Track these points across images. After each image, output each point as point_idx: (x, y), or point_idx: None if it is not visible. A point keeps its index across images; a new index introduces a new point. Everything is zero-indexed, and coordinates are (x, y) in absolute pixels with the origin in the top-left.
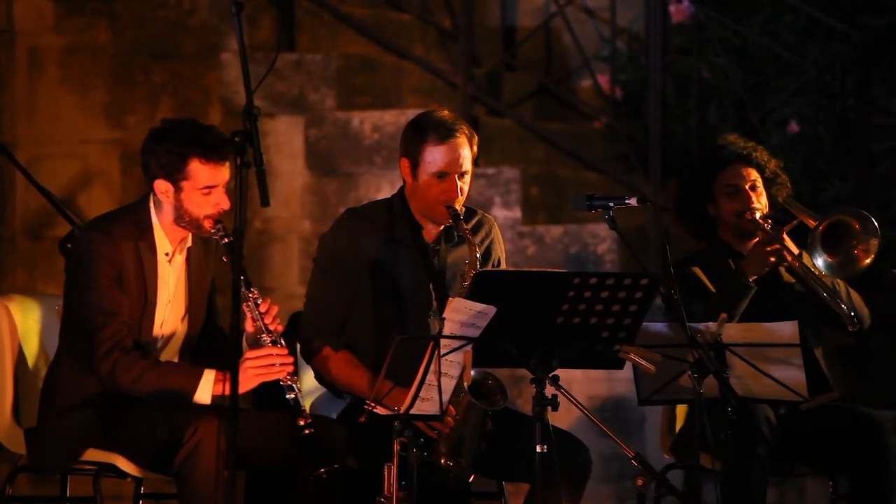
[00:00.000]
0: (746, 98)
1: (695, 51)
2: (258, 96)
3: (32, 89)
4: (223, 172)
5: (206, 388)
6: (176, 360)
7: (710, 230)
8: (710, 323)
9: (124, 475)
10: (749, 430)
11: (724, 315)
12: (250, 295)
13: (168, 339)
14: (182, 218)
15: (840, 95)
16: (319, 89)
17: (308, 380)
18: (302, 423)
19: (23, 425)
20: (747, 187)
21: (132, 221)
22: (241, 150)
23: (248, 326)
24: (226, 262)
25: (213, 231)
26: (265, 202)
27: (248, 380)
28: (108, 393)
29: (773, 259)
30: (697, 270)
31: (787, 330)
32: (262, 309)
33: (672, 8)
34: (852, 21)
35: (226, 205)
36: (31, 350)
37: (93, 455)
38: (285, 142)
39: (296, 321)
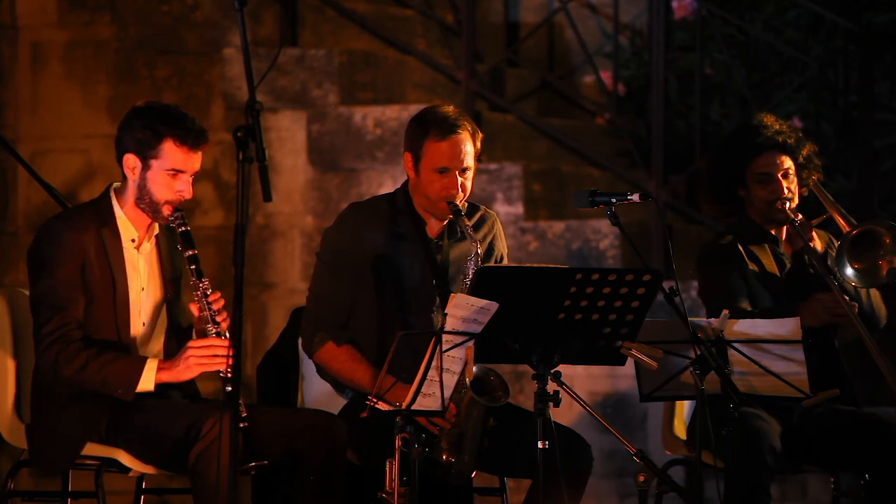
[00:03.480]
0: (749, 94)
1: (697, 47)
2: (261, 91)
3: (36, 84)
4: (194, 161)
5: (150, 377)
6: (161, 349)
7: (738, 209)
8: (713, 319)
9: (126, 470)
10: (754, 459)
11: (726, 311)
12: (201, 285)
13: (150, 328)
14: (143, 199)
15: (843, 92)
16: (322, 84)
17: (311, 374)
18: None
19: (24, 420)
20: (779, 175)
21: (94, 211)
22: (244, 145)
23: (195, 313)
24: (181, 253)
25: (171, 218)
26: (267, 197)
27: (189, 368)
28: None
29: (830, 319)
30: (740, 247)
31: (789, 326)
32: (211, 299)
33: (675, 4)
34: (855, 17)
35: (188, 194)
36: (33, 345)
37: (95, 450)
38: (287, 137)
39: (297, 316)
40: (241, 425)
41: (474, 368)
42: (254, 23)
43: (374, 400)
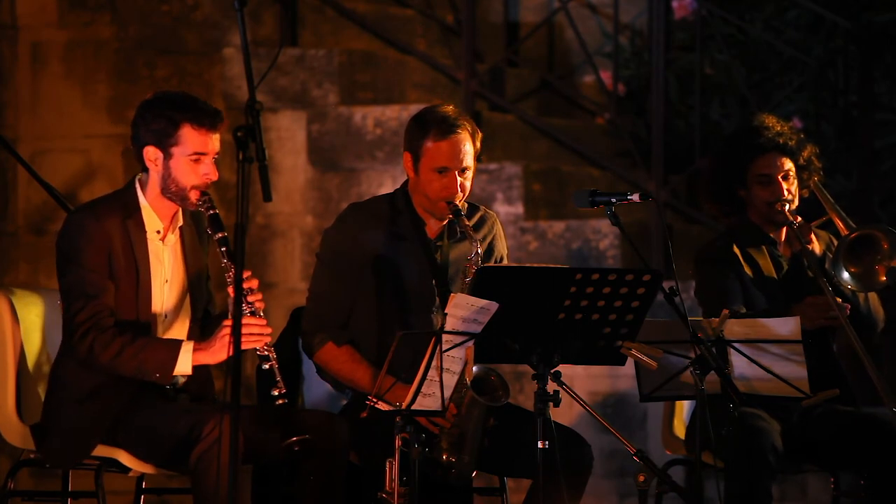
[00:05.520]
0: (749, 94)
1: (697, 47)
2: (261, 91)
3: (36, 84)
4: (213, 141)
5: (186, 359)
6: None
7: (738, 210)
8: (713, 318)
9: (126, 470)
10: (755, 459)
11: (726, 311)
12: (232, 266)
13: (172, 319)
14: (168, 188)
15: (843, 92)
16: (322, 84)
17: (311, 375)
18: (276, 392)
19: (25, 420)
20: (780, 177)
21: (119, 202)
22: (244, 145)
23: (231, 293)
24: (212, 239)
25: (198, 203)
26: (267, 197)
27: (225, 347)
28: (115, 386)
29: (823, 322)
30: (737, 250)
31: (789, 326)
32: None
33: (675, 4)
34: (855, 17)
35: (214, 176)
36: (34, 345)
37: (95, 450)
38: (287, 137)
39: (298, 316)
40: (280, 402)
41: (474, 368)
42: (254, 23)
43: (374, 400)
